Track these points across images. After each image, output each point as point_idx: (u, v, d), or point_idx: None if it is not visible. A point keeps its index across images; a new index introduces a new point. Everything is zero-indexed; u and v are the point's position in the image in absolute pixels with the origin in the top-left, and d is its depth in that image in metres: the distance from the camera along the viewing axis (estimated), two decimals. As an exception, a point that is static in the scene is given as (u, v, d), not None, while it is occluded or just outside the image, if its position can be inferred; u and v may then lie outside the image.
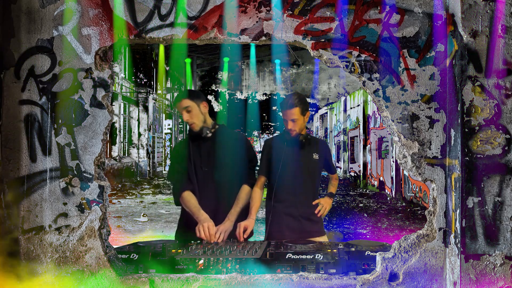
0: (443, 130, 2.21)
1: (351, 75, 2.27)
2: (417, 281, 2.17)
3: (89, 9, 2.25)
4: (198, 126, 2.75)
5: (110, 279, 2.19)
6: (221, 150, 2.79)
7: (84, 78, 2.24)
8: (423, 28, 2.21)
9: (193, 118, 2.74)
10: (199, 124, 2.76)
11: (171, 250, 2.34)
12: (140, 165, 16.71)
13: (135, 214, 8.44)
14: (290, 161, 2.87)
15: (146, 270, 2.24)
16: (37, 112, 2.24)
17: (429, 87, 2.22)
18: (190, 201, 2.73)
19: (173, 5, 2.24)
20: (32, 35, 2.24)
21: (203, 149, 2.81)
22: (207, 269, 2.18)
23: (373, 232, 6.99)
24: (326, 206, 2.91)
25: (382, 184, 12.91)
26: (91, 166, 2.25)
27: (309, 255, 2.23)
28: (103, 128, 2.25)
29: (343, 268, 2.19)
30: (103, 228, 2.26)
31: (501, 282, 2.08)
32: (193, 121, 2.74)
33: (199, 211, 2.68)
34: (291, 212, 2.86)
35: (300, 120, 2.81)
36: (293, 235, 2.79)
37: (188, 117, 2.73)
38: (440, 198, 2.21)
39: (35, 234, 2.24)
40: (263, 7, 2.24)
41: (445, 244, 2.19)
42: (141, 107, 16.94)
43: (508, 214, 2.08)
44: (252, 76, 23.95)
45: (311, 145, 2.92)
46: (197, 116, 2.75)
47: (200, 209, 2.69)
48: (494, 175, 2.08)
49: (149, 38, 2.25)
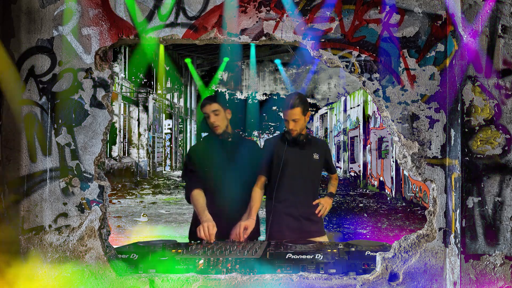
0: (443, 130, 2.21)
1: (351, 75, 2.27)
2: (417, 281, 2.17)
3: (89, 9, 2.25)
4: (221, 129, 2.89)
5: (110, 279, 2.19)
6: (238, 155, 2.92)
7: (84, 78, 2.24)
8: (423, 28, 2.21)
9: (219, 121, 2.87)
10: (223, 128, 2.90)
11: (171, 250, 2.34)
12: (140, 165, 16.71)
13: (135, 214, 8.44)
14: (291, 161, 2.87)
15: (146, 270, 2.24)
16: (37, 112, 2.24)
17: (429, 87, 2.22)
18: (198, 200, 2.81)
19: (173, 5, 2.24)
20: (32, 35, 2.24)
21: (222, 152, 2.91)
22: (207, 269, 2.18)
23: (373, 232, 6.99)
24: (326, 206, 2.92)
25: (382, 184, 12.91)
26: (91, 166, 2.24)
27: (309, 255, 2.23)
28: (103, 128, 2.25)
29: (343, 268, 2.19)
30: (103, 228, 2.26)
31: (501, 282, 2.08)
32: (218, 124, 2.87)
33: (204, 212, 2.73)
34: (291, 212, 2.86)
35: (301, 120, 2.82)
36: (293, 235, 2.78)
37: (215, 119, 2.86)
38: (440, 198, 2.21)
39: (35, 234, 2.23)
40: (263, 7, 2.24)
41: (445, 244, 2.19)
42: (141, 107, 16.94)
43: (508, 214, 2.08)
44: (252, 76, 23.96)
45: (312, 145, 2.93)
46: (223, 121, 2.89)
47: (205, 210, 2.75)
48: (494, 175, 2.08)
49: (149, 38, 2.25)
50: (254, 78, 24.01)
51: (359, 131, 15.23)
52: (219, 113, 2.88)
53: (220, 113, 2.88)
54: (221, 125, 2.89)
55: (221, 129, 2.89)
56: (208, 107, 2.88)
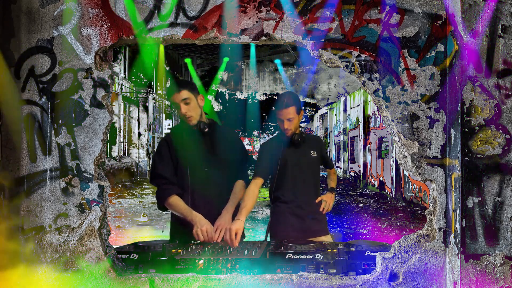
0: (443, 130, 2.21)
1: (351, 75, 2.27)
2: (417, 281, 2.17)
3: (89, 9, 2.25)
4: (195, 119, 2.61)
5: (110, 279, 2.19)
6: (218, 146, 2.68)
7: (84, 78, 2.24)
8: (423, 28, 2.21)
9: (191, 111, 2.58)
10: (197, 118, 2.62)
11: (171, 250, 2.34)
12: (140, 165, 16.71)
13: (135, 214, 8.44)
14: (290, 161, 2.87)
15: (146, 270, 2.24)
16: (37, 112, 2.24)
17: (429, 87, 2.22)
18: (179, 205, 2.58)
19: (173, 5, 2.24)
20: (32, 35, 2.24)
21: (200, 145, 2.65)
22: (207, 269, 2.18)
23: (373, 232, 7.00)
24: (329, 202, 2.94)
25: (382, 184, 12.91)
26: (91, 166, 2.24)
27: (309, 255, 2.23)
28: (103, 128, 2.25)
29: (343, 268, 2.19)
30: (103, 228, 2.26)
31: (501, 282, 2.08)
32: (191, 114, 2.58)
33: (192, 213, 2.54)
34: (296, 212, 2.85)
35: (295, 119, 2.81)
36: (298, 235, 2.77)
37: (187, 109, 2.56)
38: (440, 198, 2.21)
39: (35, 234, 2.23)
40: (263, 7, 2.24)
41: (445, 244, 2.19)
42: (141, 107, 16.94)
43: (508, 214, 2.08)
44: (252, 76, 23.96)
45: (307, 142, 2.92)
46: (195, 109, 2.60)
47: (192, 211, 2.55)
48: (494, 175, 2.08)
49: (149, 38, 2.25)
50: (254, 78, 24.01)
51: (359, 131, 15.23)
52: (190, 101, 2.56)
53: (191, 101, 2.57)
54: (194, 115, 2.58)
55: (195, 119, 2.59)
56: (177, 96, 2.55)
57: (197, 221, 2.52)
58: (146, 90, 16.91)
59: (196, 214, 2.55)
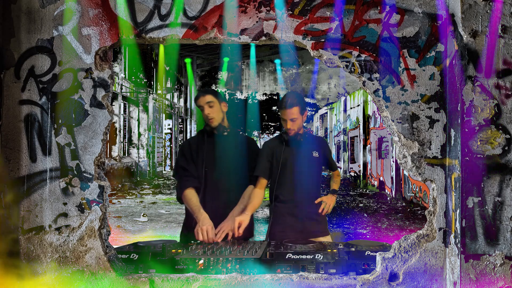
0: (443, 130, 2.21)
1: (351, 75, 2.27)
2: (417, 281, 2.17)
3: (89, 9, 2.25)
4: (217, 122, 2.81)
5: (110, 279, 2.19)
6: (234, 150, 2.85)
7: (84, 78, 2.24)
8: (423, 28, 2.21)
9: (213, 113, 2.79)
10: (218, 121, 2.82)
11: (171, 250, 2.34)
12: (140, 165, 16.70)
13: (135, 214, 8.44)
14: (291, 161, 2.86)
15: (146, 270, 2.24)
16: (37, 112, 2.24)
17: (429, 87, 2.22)
18: (191, 200, 2.73)
19: (173, 5, 2.24)
20: (32, 35, 2.24)
21: (217, 147, 2.84)
22: (207, 269, 2.18)
23: (373, 232, 6.99)
24: (330, 203, 2.91)
25: (382, 184, 12.91)
26: (91, 166, 2.24)
27: (309, 255, 2.23)
28: (103, 128, 2.25)
29: (343, 268, 2.19)
30: (103, 228, 2.26)
31: (501, 282, 2.08)
32: (213, 116, 2.79)
33: (199, 210, 2.68)
34: (295, 212, 2.84)
35: (299, 119, 2.81)
36: (297, 236, 2.77)
37: (210, 111, 2.78)
38: (440, 198, 2.21)
39: (35, 234, 2.23)
40: (263, 7, 2.24)
41: (445, 244, 2.19)
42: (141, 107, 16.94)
43: (508, 214, 2.08)
44: (252, 76, 23.95)
45: (310, 143, 2.92)
46: (218, 113, 2.82)
47: (200, 208, 2.69)
48: (494, 175, 2.08)
49: (149, 38, 2.25)
50: (254, 78, 24.00)
51: (359, 131, 15.23)
52: (214, 104, 2.80)
53: (214, 105, 2.80)
54: (216, 117, 2.81)
55: (216, 121, 2.81)
56: (202, 99, 2.80)
57: (201, 220, 2.62)
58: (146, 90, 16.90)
59: (203, 212, 2.66)
